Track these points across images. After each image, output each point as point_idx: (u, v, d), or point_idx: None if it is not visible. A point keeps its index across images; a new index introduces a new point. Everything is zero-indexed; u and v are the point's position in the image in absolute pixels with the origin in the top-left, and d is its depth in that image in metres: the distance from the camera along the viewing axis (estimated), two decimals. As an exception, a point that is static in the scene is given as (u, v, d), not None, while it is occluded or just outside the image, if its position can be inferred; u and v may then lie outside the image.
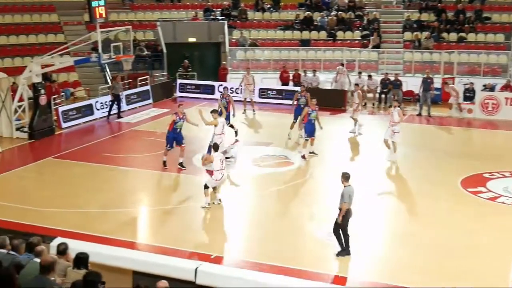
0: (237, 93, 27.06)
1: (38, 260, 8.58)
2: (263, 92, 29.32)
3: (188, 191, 17.06)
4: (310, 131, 19.80)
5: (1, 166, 19.47)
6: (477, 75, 29.95)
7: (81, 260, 8.78)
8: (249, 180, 18.11)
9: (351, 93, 28.57)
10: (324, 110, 24.39)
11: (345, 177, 12.77)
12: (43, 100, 22.69)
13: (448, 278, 11.77)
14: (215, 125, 18.59)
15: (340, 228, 12.71)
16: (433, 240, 13.56)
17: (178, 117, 18.37)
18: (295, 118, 22.15)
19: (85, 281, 7.64)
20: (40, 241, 9.27)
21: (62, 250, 9.25)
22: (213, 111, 18.92)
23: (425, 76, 27.34)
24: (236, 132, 20.79)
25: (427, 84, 26.73)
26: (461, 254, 12.86)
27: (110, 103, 25.90)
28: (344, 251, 12.77)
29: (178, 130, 18.48)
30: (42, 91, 22.80)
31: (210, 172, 15.56)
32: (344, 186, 12.66)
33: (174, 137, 18.51)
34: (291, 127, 22.19)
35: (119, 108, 26.03)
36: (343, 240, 12.77)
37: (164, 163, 18.69)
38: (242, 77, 27.34)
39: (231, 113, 21.53)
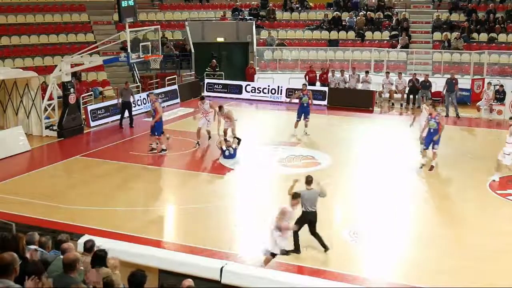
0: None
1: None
2: (290, 93, 29.26)
3: (215, 190, 17.10)
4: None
5: (31, 164, 19.75)
6: (508, 76, 29.58)
7: (100, 257, 8.79)
8: (276, 181, 18.08)
9: (379, 94, 28.51)
10: (352, 111, 24.35)
11: (307, 180, 12.90)
12: (72, 98, 22.92)
13: (475, 280, 11.63)
14: None
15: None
16: (460, 243, 13.44)
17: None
18: (299, 117, 22.37)
19: (130, 282, 7.67)
20: (68, 239, 9.33)
21: (90, 247, 9.33)
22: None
23: (450, 77, 27.10)
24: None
25: (451, 85, 26.52)
26: (489, 257, 12.69)
27: (121, 110, 24.55)
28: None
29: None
30: (72, 90, 23.05)
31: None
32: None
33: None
34: (295, 126, 22.41)
35: (130, 115, 24.58)
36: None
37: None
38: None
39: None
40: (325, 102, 28.10)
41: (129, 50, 22.18)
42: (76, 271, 7.75)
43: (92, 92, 27.50)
